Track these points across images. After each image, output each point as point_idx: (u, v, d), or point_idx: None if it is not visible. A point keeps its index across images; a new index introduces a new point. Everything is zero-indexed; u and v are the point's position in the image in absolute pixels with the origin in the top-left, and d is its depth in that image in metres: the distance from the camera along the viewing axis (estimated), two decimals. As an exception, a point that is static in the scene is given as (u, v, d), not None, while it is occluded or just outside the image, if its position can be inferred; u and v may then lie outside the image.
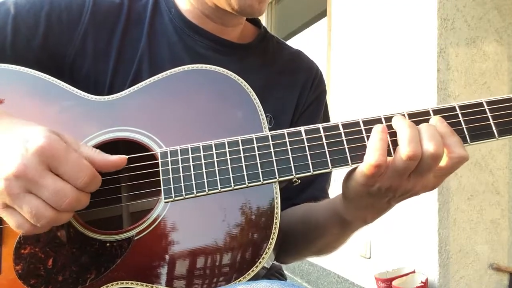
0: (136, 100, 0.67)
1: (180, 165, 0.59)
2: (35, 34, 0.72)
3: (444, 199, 2.29)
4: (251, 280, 0.58)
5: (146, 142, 0.63)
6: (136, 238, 0.60)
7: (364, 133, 0.59)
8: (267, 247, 0.59)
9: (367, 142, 0.58)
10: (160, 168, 0.59)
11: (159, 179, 0.59)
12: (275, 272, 0.87)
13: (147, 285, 0.59)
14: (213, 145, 0.59)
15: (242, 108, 0.65)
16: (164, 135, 0.64)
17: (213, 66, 0.67)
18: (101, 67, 0.74)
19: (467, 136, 0.59)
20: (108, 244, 0.60)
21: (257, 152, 0.59)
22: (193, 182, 0.58)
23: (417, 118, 0.59)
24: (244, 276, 0.58)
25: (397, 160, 0.56)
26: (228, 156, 0.59)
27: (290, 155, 0.59)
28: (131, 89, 0.68)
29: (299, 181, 0.60)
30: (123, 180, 0.64)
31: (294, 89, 0.86)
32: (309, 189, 0.85)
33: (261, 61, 0.85)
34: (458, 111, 0.59)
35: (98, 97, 0.67)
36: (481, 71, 2.36)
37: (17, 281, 0.59)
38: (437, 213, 2.27)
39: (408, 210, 2.37)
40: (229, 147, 0.59)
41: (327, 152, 0.59)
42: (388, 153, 0.57)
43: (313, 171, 0.58)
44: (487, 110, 0.59)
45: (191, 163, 0.59)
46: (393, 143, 0.57)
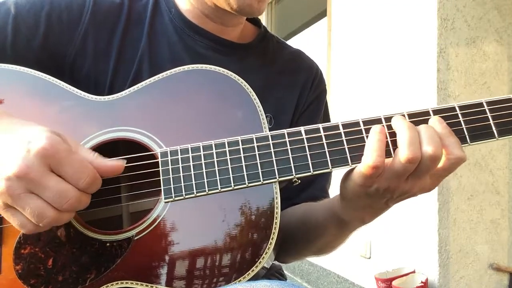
0: (136, 100, 0.67)
1: (180, 165, 0.59)
2: (35, 34, 0.72)
3: (444, 199, 2.29)
4: (251, 280, 0.58)
5: (146, 142, 0.63)
6: (136, 238, 0.60)
7: (364, 133, 0.59)
8: (267, 247, 0.59)
9: None
10: (160, 168, 0.59)
11: (159, 179, 0.59)
12: (275, 272, 0.87)
13: (147, 285, 0.59)
14: (213, 145, 0.59)
15: (242, 108, 0.65)
16: (164, 135, 0.64)
17: (213, 66, 0.68)
18: (102, 67, 0.74)
19: (467, 136, 0.59)
20: (108, 244, 0.60)
21: (257, 152, 0.59)
22: (193, 182, 0.58)
23: (417, 118, 0.59)
24: (244, 276, 0.58)
25: (396, 163, 0.55)
26: (228, 156, 0.59)
27: (290, 155, 0.59)
28: (131, 89, 0.68)
29: (299, 181, 0.60)
30: (123, 180, 0.65)
31: (294, 89, 0.86)
32: (309, 188, 0.85)
33: (261, 61, 0.85)
34: (458, 111, 0.59)
35: (98, 97, 0.67)
36: (481, 71, 2.36)
37: (17, 281, 0.59)
38: (437, 213, 2.27)
39: (408, 210, 2.37)
40: (229, 147, 0.59)
41: (327, 152, 0.59)
42: (388, 153, 0.57)
43: (313, 171, 0.58)
44: (487, 110, 0.59)
45: (191, 163, 0.59)
46: (393, 143, 0.57)
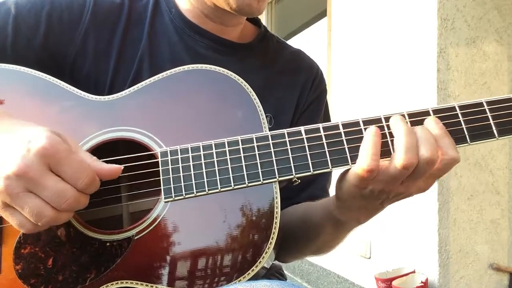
0: (136, 100, 0.67)
1: (180, 164, 0.59)
2: (35, 34, 0.72)
3: (444, 199, 2.29)
4: (251, 279, 0.58)
5: (146, 141, 0.63)
6: (136, 238, 0.60)
7: (364, 133, 0.59)
8: (267, 247, 0.59)
9: None
10: (160, 168, 0.59)
11: (159, 178, 0.59)
12: (275, 272, 0.87)
13: (147, 284, 0.59)
14: (213, 144, 0.59)
15: (242, 108, 0.65)
16: (164, 134, 0.64)
17: (213, 66, 0.68)
18: (102, 67, 0.74)
19: (467, 136, 0.59)
20: (108, 244, 0.60)
21: (257, 152, 0.59)
22: (193, 182, 0.58)
23: (416, 118, 0.59)
24: (244, 276, 0.58)
25: (391, 167, 0.55)
26: (228, 156, 0.59)
27: (290, 155, 0.59)
28: (132, 89, 0.68)
29: (299, 180, 0.60)
30: (123, 180, 0.65)
31: (294, 88, 0.86)
32: (309, 188, 0.85)
33: (261, 61, 0.85)
34: (458, 111, 0.59)
35: (99, 97, 0.67)
36: (481, 71, 2.36)
37: (17, 280, 0.59)
38: (437, 213, 2.27)
39: (408, 210, 2.37)
40: (229, 146, 0.59)
41: (327, 152, 0.59)
42: (387, 153, 0.57)
43: (313, 171, 0.58)
44: (487, 110, 0.59)
45: (191, 162, 0.59)
46: (393, 143, 0.57)
